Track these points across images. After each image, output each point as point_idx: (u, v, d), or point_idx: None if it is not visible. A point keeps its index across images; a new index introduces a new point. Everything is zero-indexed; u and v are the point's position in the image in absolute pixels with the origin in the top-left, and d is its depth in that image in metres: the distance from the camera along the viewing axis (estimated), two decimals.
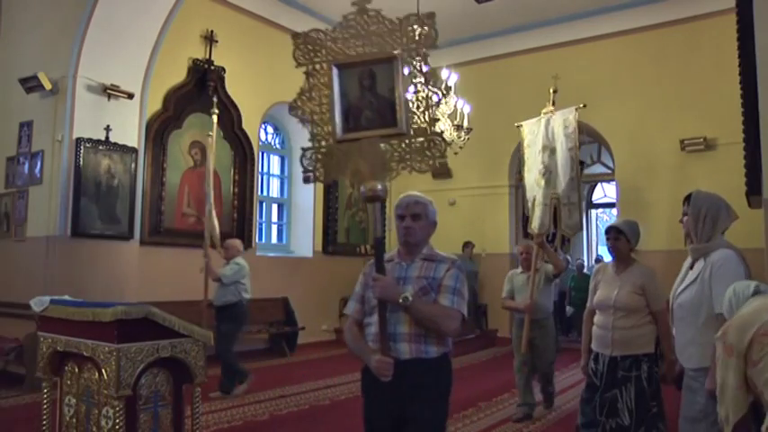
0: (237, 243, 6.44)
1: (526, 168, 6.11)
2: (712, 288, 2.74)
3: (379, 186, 2.39)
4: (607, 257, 9.81)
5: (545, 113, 6.00)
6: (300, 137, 10.47)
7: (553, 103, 6.05)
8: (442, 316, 2.37)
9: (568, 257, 11.98)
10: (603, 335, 3.57)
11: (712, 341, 2.67)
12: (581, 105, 5.98)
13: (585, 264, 12.96)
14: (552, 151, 5.84)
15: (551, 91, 6.15)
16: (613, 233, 3.61)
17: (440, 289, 2.41)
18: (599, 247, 14.70)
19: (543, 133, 5.90)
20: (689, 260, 2.99)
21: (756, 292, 2.32)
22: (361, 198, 2.49)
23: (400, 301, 2.30)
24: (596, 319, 3.66)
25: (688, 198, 2.95)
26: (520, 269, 5.55)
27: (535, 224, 5.77)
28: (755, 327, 2.03)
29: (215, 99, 7.36)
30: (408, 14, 2.43)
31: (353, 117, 2.49)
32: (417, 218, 2.49)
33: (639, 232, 3.66)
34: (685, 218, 2.92)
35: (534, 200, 5.88)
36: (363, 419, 2.51)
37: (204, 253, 6.29)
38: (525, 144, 6.15)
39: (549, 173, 5.81)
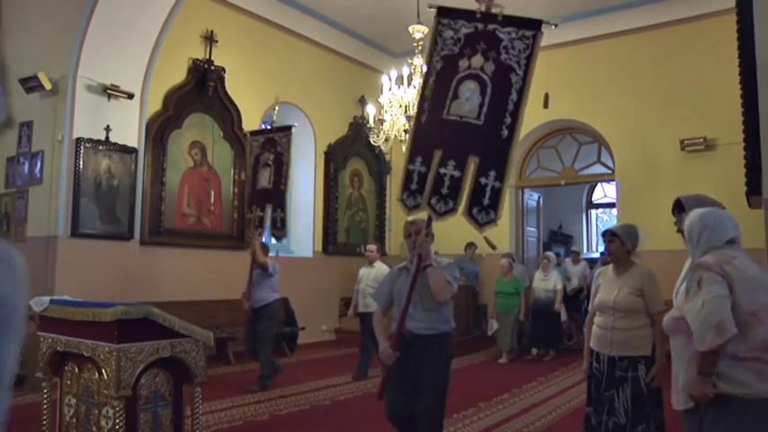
0: None
1: None
2: None
3: None
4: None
5: None
6: (300, 136, 10.45)
7: None
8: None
9: (559, 252, 11.85)
10: (603, 335, 3.63)
11: None
12: None
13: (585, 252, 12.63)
14: None
15: None
16: (608, 236, 3.69)
17: None
18: (599, 247, 14.68)
19: None
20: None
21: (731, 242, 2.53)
22: None
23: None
24: (596, 319, 3.73)
25: (678, 206, 3.06)
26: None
27: None
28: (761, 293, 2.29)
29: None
30: None
31: None
32: None
33: (637, 236, 3.69)
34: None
35: None
36: None
37: None
38: None
39: None
